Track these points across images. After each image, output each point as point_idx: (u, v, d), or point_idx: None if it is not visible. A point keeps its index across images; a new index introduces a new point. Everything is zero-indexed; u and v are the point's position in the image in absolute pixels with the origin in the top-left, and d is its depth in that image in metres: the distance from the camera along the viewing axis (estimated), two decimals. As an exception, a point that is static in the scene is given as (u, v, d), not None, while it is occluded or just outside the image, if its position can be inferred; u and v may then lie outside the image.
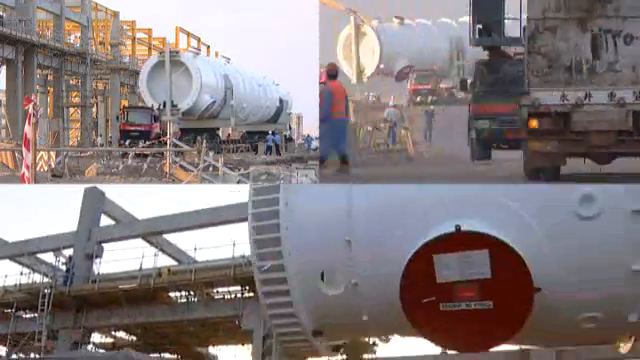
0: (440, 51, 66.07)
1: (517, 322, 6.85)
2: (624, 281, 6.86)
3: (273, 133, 52.90)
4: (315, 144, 50.63)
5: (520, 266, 6.69)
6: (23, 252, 31.58)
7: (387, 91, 56.24)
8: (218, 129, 50.69)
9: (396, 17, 67.61)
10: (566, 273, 6.88)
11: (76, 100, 56.89)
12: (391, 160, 29.94)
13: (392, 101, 41.38)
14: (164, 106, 42.23)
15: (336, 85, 17.02)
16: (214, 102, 46.38)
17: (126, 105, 53.05)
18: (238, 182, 28.17)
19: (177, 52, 45.72)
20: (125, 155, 34.67)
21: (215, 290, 25.38)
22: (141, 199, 43.89)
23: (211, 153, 33.43)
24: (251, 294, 23.20)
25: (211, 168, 30.28)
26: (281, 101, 60.63)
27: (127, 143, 40.96)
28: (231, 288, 24.72)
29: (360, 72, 65.97)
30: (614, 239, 6.85)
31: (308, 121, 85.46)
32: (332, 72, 17.37)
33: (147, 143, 38.24)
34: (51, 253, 29.81)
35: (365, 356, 11.92)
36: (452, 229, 6.79)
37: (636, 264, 6.84)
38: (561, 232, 6.86)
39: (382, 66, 65.54)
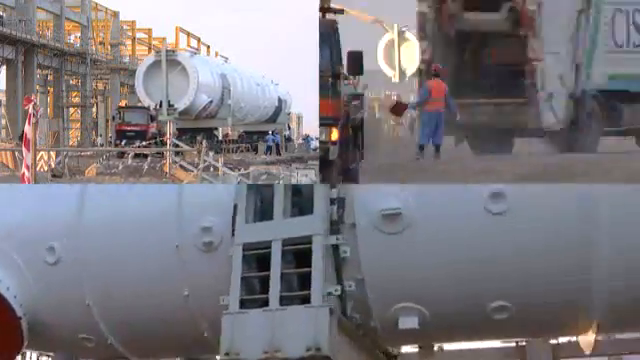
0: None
1: (19, 339, 9.24)
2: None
3: (273, 133, 52.82)
4: (315, 144, 50.52)
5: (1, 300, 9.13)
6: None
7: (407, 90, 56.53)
8: (216, 129, 50.53)
9: None
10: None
11: (76, 100, 56.95)
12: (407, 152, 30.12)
13: (412, 99, 41.66)
14: (160, 106, 42.13)
15: (434, 83, 19.41)
16: (211, 102, 46.25)
17: (121, 105, 52.87)
18: (238, 182, 28.19)
19: (173, 51, 45.49)
20: (123, 155, 34.62)
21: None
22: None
23: (211, 153, 33.43)
24: None
25: (211, 168, 30.32)
26: (280, 101, 60.45)
27: (123, 143, 40.80)
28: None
29: (402, 73, 66.71)
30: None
31: (308, 121, 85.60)
32: (434, 71, 19.97)
33: (143, 143, 38.15)
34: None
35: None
36: None
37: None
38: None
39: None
